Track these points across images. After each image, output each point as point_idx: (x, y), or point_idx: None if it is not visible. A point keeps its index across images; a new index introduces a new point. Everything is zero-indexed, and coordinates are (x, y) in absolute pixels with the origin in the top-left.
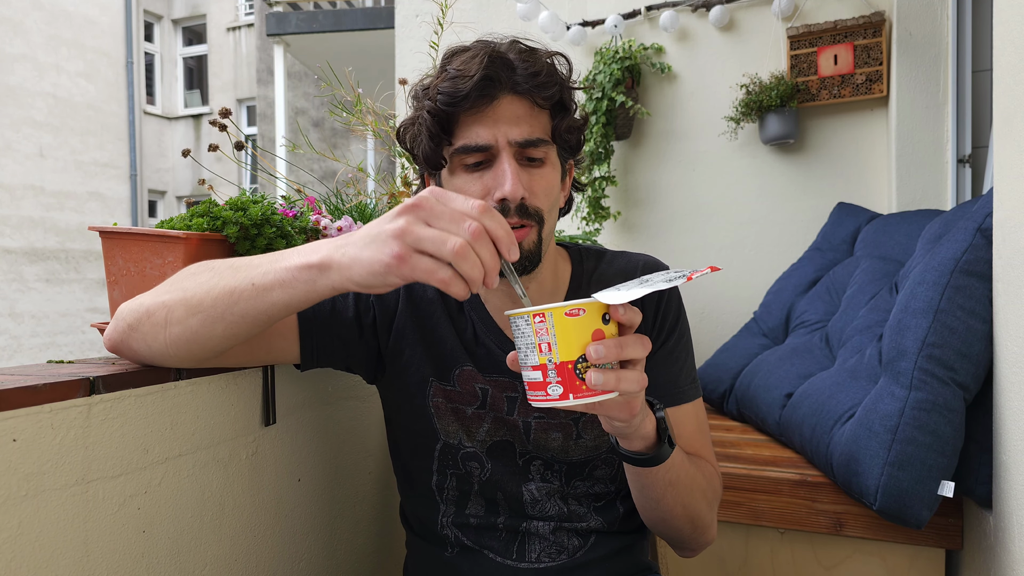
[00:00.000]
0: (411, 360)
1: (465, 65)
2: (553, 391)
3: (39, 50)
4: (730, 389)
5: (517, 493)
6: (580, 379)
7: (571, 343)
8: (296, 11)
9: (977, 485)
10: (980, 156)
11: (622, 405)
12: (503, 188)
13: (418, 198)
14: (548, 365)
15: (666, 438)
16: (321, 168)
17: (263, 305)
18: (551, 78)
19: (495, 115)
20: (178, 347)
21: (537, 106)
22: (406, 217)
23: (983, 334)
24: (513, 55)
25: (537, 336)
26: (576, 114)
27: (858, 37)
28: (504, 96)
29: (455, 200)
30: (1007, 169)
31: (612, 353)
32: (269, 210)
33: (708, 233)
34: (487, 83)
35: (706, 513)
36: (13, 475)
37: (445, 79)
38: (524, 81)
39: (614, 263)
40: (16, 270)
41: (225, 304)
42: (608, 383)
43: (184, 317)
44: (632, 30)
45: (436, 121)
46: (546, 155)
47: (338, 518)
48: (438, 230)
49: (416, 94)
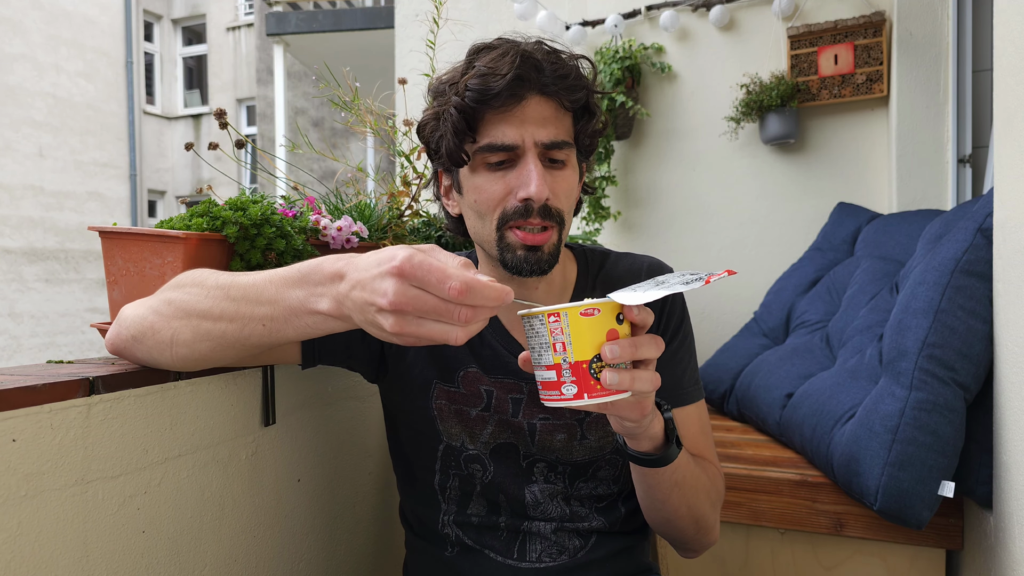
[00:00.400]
0: (415, 362)
1: (495, 63)
2: (567, 390)
3: (39, 50)
4: (730, 389)
5: (520, 495)
6: (595, 379)
7: (586, 343)
8: (296, 11)
9: (977, 485)
10: (980, 156)
11: (634, 405)
12: (528, 189)
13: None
14: (563, 364)
15: (674, 439)
16: (321, 168)
17: (278, 340)
18: (579, 81)
19: (523, 115)
20: (185, 364)
21: (563, 108)
22: (395, 318)
23: (983, 334)
24: (541, 56)
25: (552, 336)
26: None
27: (858, 37)
28: (532, 97)
29: (437, 287)
30: (1007, 169)
31: (627, 353)
32: (269, 210)
33: (708, 233)
34: (518, 83)
35: (710, 514)
36: (13, 475)
37: (474, 76)
38: (553, 83)
39: (619, 264)
40: (16, 270)
41: (236, 337)
42: (623, 383)
43: (191, 341)
44: (632, 30)
45: (463, 117)
46: (568, 157)
47: (338, 518)
48: (432, 323)
49: (437, 89)
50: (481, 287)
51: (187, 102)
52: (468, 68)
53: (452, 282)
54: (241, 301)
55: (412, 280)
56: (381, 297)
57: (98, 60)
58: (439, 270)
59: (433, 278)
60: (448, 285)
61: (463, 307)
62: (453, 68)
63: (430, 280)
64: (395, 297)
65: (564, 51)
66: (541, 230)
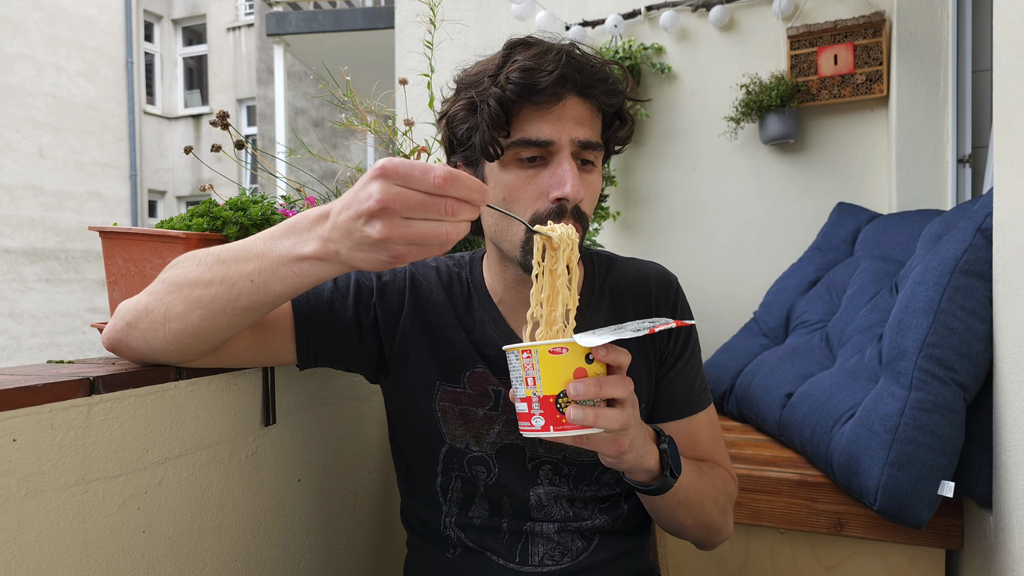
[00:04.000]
0: (417, 363)
1: (539, 59)
2: (536, 422)
3: (39, 50)
4: (730, 389)
5: (524, 497)
6: (560, 413)
7: (553, 378)
8: (296, 11)
9: (977, 485)
10: (980, 156)
11: (608, 442)
12: (564, 188)
13: (382, 184)
14: (532, 398)
15: (668, 470)
16: (321, 168)
17: (266, 298)
18: (617, 86)
19: (561, 113)
20: (178, 342)
21: (597, 111)
22: (383, 221)
23: (983, 334)
24: (579, 57)
25: (524, 370)
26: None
27: (858, 37)
28: (572, 96)
29: (421, 180)
30: (1007, 169)
31: (591, 391)
32: (269, 210)
33: (708, 233)
34: (562, 81)
35: (718, 519)
36: (13, 475)
37: (518, 69)
38: (594, 85)
39: (626, 271)
40: (16, 270)
41: (225, 300)
42: (587, 419)
43: (183, 313)
44: (632, 30)
45: (502, 109)
46: (596, 160)
47: (338, 518)
48: (420, 222)
49: (466, 81)
50: (464, 176)
51: (187, 102)
52: (506, 62)
53: (435, 171)
54: (231, 262)
55: (396, 179)
56: (367, 201)
57: (98, 60)
58: (420, 166)
59: (416, 172)
60: (432, 175)
61: (448, 199)
62: (486, 60)
63: (414, 175)
64: (381, 195)
65: (595, 55)
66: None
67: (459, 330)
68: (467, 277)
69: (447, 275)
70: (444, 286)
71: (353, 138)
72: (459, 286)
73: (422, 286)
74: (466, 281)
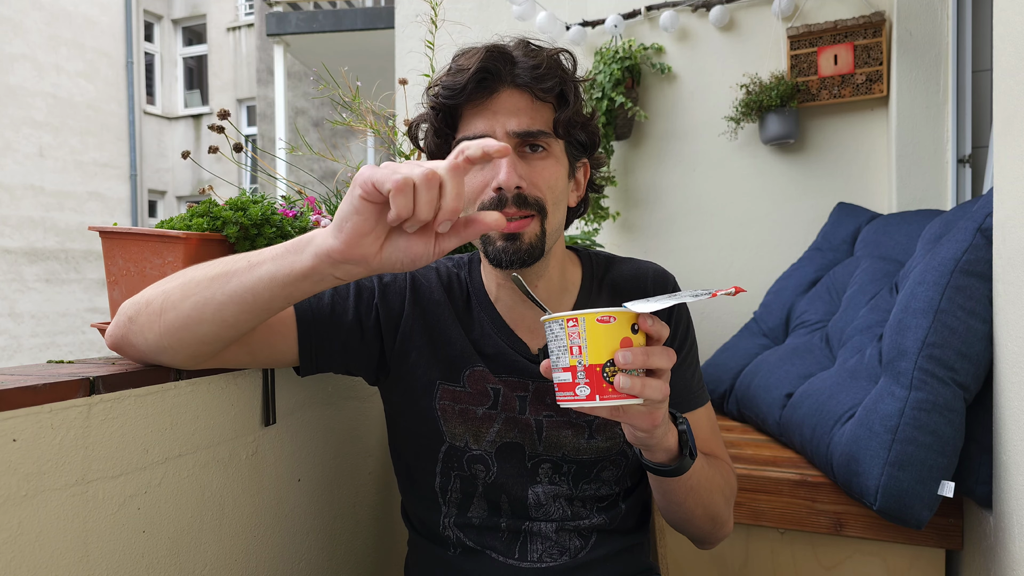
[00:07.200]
0: (418, 362)
1: (466, 60)
2: (581, 391)
3: (39, 50)
4: (730, 389)
5: (522, 496)
6: (607, 382)
7: (600, 347)
8: (296, 11)
9: (977, 485)
10: (980, 156)
11: (645, 415)
12: (498, 177)
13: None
14: (578, 367)
15: (687, 450)
16: (321, 168)
17: (252, 279)
18: (550, 71)
19: (494, 107)
20: (171, 336)
21: (538, 99)
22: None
23: (983, 334)
24: (516, 51)
25: (569, 339)
26: (582, 110)
27: (858, 37)
28: (504, 89)
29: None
30: (1007, 169)
31: (639, 360)
32: (269, 210)
33: (708, 233)
34: (485, 76)
35: (724, 511)
36: (13, 475)
37: (446, 74)
38: (524, 74)
39: (624, 270)
40: (16, 270)
41: (219, 284)
42: (634, 388)
43: (179, 301)
44: (632, 30)
45: (439, 115)
46: (548, 147)
47: (338, 518)
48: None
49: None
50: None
51: (187, 102)
52: (447, 69)
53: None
54: (237, 258)
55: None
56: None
57: (98, 60)
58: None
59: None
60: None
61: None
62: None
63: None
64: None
65: (547, 47)
66: (519, 219)
67: (459, 329)
68: (465, 277)
69: (447, 275)
70: (444, 286)
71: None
72: (458, 286)
73: (422, 286)
74: (464, 281)
